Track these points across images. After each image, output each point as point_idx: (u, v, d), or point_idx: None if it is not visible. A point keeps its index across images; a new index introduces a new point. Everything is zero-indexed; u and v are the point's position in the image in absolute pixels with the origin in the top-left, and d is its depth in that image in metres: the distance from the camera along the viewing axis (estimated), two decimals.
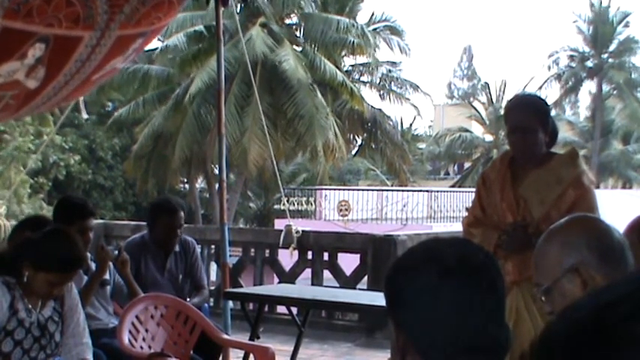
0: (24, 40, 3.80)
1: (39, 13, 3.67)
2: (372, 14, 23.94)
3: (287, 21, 23.16)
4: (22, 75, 3.99)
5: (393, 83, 24.24)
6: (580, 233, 1.87)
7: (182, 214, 5.29)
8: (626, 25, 39.26)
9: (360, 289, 7.85)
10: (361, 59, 23.90)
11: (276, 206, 28.74)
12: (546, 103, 3.83)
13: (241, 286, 8.27)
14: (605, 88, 39.22)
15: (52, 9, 3.69)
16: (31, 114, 5.52)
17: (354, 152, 26.56)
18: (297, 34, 22.97)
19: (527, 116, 3.64)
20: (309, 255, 8.49)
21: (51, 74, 4.11)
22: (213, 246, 8.98)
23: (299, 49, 21.84)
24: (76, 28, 3.87)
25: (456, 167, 43.26)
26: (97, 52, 4.11)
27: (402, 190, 24.97)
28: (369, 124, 23.24)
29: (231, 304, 6.46)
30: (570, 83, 39.84)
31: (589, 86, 40.65)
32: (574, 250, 1.84)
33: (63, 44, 3.95)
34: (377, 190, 26.30)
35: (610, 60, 39.00)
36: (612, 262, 1.82)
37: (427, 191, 25.27)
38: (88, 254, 4.61)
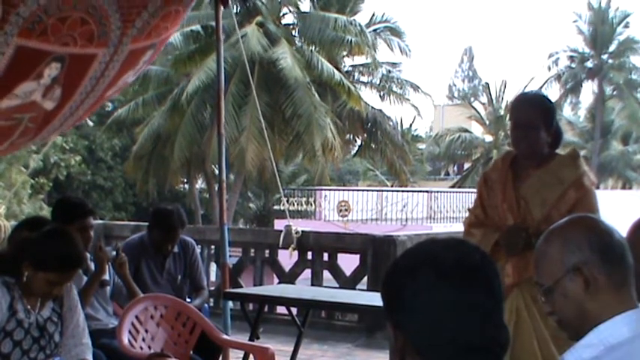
0: (39, 59, 3.79)
1: (54, 31, 3.66)
2: (373, 15, 23.97)
3: (284, 20, 23.16)
4: (39, 96, 3.98)
5: (393, 84, 24.22)
6: (581, 232, 1.87)
7: (180, 230, 5.29)
8: (626, 26, 39.31)
9: (359, 290, 7.85)
10: (361, 59, 23.92)
11: (275, 207, 28.75)
12: (551, 102, 3.82)
13: (241, 287, 8.27)
14: (605, 88, 39.24)
15: (67, 28, 3.69)
16: (49, 137, 5.49)
17: (354, 152, 26.55)
18: (294, 33, 22.96)
19: (530, 113, 3.64)
20: (309, 255, 8.49)
21: (67, 94, 4.10)
22: (212, 246, 8.98)
23: (296, 47, 21.83)
24: (90, 46, 3.87)
25: (455, 168, 43.25)
26: (111, 67, 4.11)
27: (402, 191, 24.97)
28: (369, 125, 23.24)
29: (231, 304, 6.45)
30: (570, 84, 39.86)
31: (589, 87, 40.73)
32: (576, 250, 1.84)
33: (78, 63, 3.94)
34: (377, 191, 26.29)
35: (610, 60, 39.03)
36: (613, 262, 1.82)
37: (427, 192, 25.26)
38: (88, 254, 4.61)
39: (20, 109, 4.03)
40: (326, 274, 8.48)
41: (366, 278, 8.14)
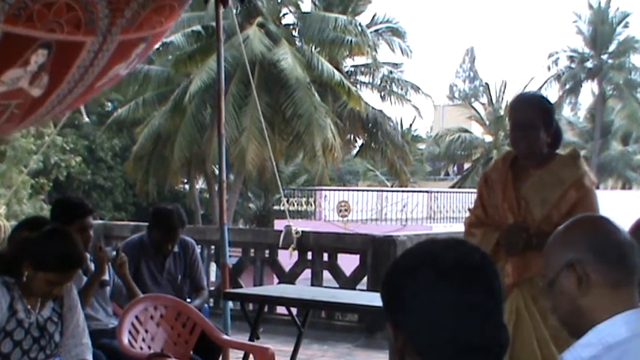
0: (26, 45, 3.78)
1: (40, 18, 3.65)
2: (374, 15, 23.98)
3: (284, 20, 23.16)
4: (26, 83, 3.97)
5: (394, 84, 24.23)
6: (581, 231, 1.91)
7: (180, 229, 5.29)
8: (626, 26, 39.30)
9: (359, 290, 7.85)
10: (362, 60, 23.92)
11: (275, 207, 28.76)
12: (550, 103, 3.82)
13: (241, 287, 8.27)
14: (605, 88, 39.24)
15: (53, 14, 3.68)
16: (36, 124, 5.54)
17: (354, 153, 26.56)
18: (295, 33, 22.97)
19: (529, 114, 3.65)
20: (309, 255, 8.48)
21: (54, 82, 4.09)
22: (212, 246, 8.97)
23: (296, 48, 21.84)
24: (77, 33, 3.85)
25: (455, 168, 43.26)
26: (100, 57, 4.09)
27: (402, 191, 24.97)
28: (370, 125, 23.24)
29: (231, 304, 6.45)
30: (570, 84, 39.85)
31: (589, 87, 40.73)
32: (573, 247, 1.88)
33: (65, 50, 3.93)
34: (377, 191, 26.29)
35: (609, 61, 39.03)
36: (609, 261, 1.84)
37: (427, 192, 25.26)
38: (88, 254, 4.61)
39: (6, 95, 4.02)
40: (326, 274, 8.47)
41: (366, 278, 8.14)
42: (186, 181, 25.79)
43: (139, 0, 3.97)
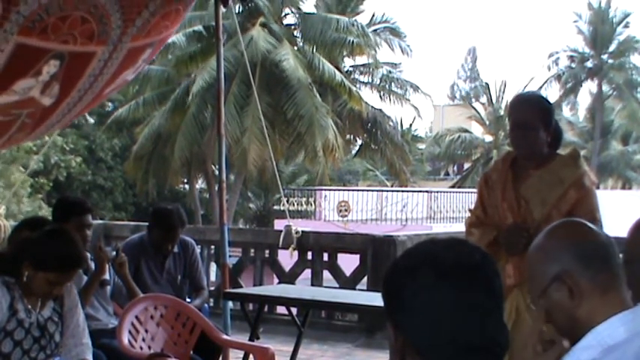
0: (39, 56, 3.79)
1: (54, 30, 3.66)
2: (373, 15, 23.96)
3: (286, 21, 23.16)
4: (37, 92, 3.99)
5: (393, 84, 24.21)
6: (560, 241, 1.89)
7: (180, 229, 5.28)
8: (626, 26, 39.33)
9: (359, 290, 7.85)
10: (362, 60, 23.92)
11: (275, 207, 28.77)
12: (549, 102, 3.82)
13: (241, 287, 8.27)
14: (605, 88, 39.25)
15: (68, 26, 3.69)
16: (46, 133, 5.56)
17: (354, 153, 26.55)
18: (296, 33, 22.97)
19: (529, 113, 3.64)
20: (309, 255, 8.48)
21: (65, 90, 4.11)
22: (212, 246, 8.97)
23: (298, 48, 21.84)
24: (90, 44, 3.87)
25: (455, 168, 43.26)
26: (109, 65, 4.11)
27: (402, 191, 24.97)
28: (370, 125, 23.23)
29: (231, 304, 6.45)
30: (570, 84, 39.86)
31: (589, 87, 40.75)
32: (556, 259, 1.87)
33: (77, 60, 3.94)
34: (377, 191, 26.28)
35: (610, 60, 39.04)
36: (594, 267, 1.84)
37: (427, 192, 25.26)
38: (88, 254, 4.61)
39: (18, 104, 4.03)
40: (326, 274, 8.47)
41: (366, 278, 8.14)
42: (186, 181, 25.78)
43: (150, 8, 3.98)
